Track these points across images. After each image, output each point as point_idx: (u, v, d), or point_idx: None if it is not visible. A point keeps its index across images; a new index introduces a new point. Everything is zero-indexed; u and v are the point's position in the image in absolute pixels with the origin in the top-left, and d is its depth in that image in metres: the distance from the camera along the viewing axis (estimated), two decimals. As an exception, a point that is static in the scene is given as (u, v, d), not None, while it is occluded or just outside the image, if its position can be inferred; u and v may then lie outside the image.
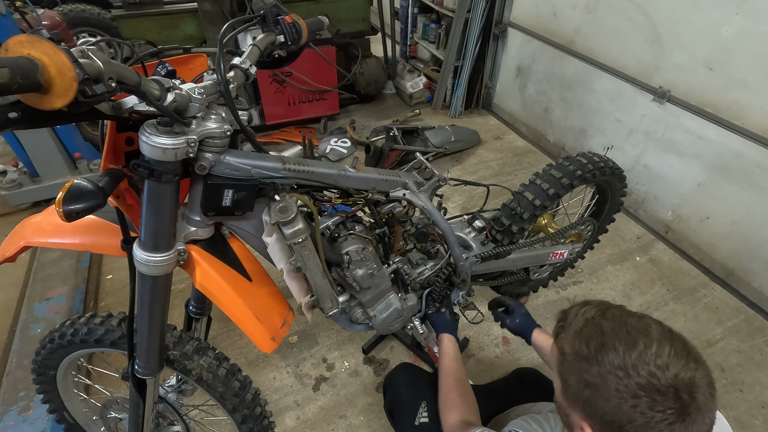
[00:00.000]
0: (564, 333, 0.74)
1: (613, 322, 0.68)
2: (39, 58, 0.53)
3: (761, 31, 1.89)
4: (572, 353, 0.70)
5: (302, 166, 1.00)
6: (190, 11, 3.31)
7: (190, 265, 0.95)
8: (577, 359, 0.69)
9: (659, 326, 0.68)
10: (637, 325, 0.67)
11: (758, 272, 2.15)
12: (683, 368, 0.62)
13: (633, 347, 0.64)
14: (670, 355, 0.62)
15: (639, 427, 0.62)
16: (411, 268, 1.42)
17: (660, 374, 0.61)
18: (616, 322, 0.68)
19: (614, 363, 0.64)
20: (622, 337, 0.65)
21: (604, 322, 0.69)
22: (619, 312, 0.71)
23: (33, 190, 2.62)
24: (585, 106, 2.93)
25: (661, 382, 0.61)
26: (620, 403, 0.63)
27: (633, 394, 0.62)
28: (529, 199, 1.53)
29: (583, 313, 0.72)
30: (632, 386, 0.62)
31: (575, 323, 0.72)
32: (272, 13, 1.02)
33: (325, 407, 1.75)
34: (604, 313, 0.70)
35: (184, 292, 2.16)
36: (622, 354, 0.64)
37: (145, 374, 1.03)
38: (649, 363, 0.62)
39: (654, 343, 0.64)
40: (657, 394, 0.61)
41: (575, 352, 0.69)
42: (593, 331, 0.68)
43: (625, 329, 0.66)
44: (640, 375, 0.62)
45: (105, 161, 0.83)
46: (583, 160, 1.59)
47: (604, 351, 0.65)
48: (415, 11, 4.05)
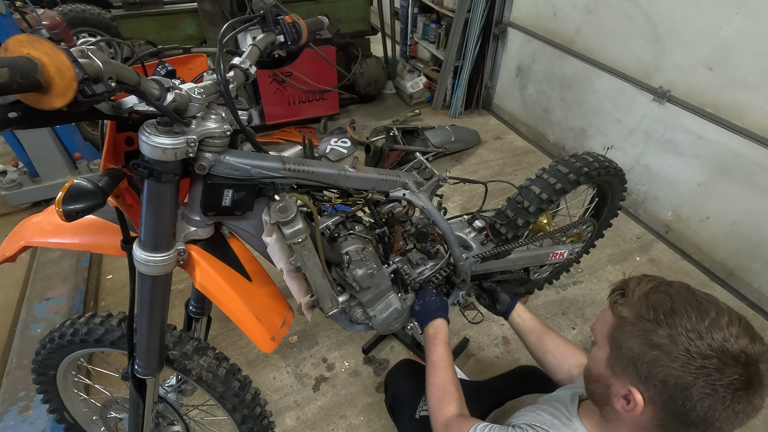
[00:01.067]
0: (624, 300, 0.72)
1: (682, 291, 0.68)
2: (39, 57, 0.53)
3: (761, 31, 1.89)
4: (636, 317, 0.68)
5: (302, 166, 1.00)
6: (190, 11, 3.32)
7: (189, 265, 0.95)
8: (642, 322, 0.67)
9: (727, 308, 0.67)
10: (707, 297, 0.67)
11: (758, 272, 2.15)
12: (753, 344, 0.62)
13: (706, 315, 0.64)
14: (740, 327, 0.63)
15: (702, 389, 0.61)
16: (411, 268, 1.42)
17: (733, 341, 0.61)
18: (685, 291, 0.68)
19: (686, 326, 0.63)
20: (693, 304, 0.65)
21: (671, 290, 0.68)
22: (685, 285, 0.70)
23: (33, 190, 2.62)
24: (585, 106, 2.93)
25: (734, 347, 0.61)
26: (688, 363, 0.62)
27: (704, 354, 0.61)
28: (536, 192, 1.54)
29: (647, 281, 0.72)
30: (704, 348, 0.62)
31: (639, 290, 0.71)
32: (272, 13, 1.02)
33: (325, 407, 1.75)
34: (671, 284, 0.70)
35: (184, 292, 2.16)
36: (695, 319, 0.63)
37: (145, 374, 1.03)
38: (722, 329, 0.62)
39: (726, 314, 0.64)
40: (728, 358, 0.61)
41: (641, 316, 0.68)
42: (662, 297, 0.68)
43: (695, 299, 0.66)
44: (714, 338, 0.62)
45: (105, 161, 0.83)
46: (589, 158, 1.61)
47: (675, 315, 0.65)
48: (415, 11, 4.05)
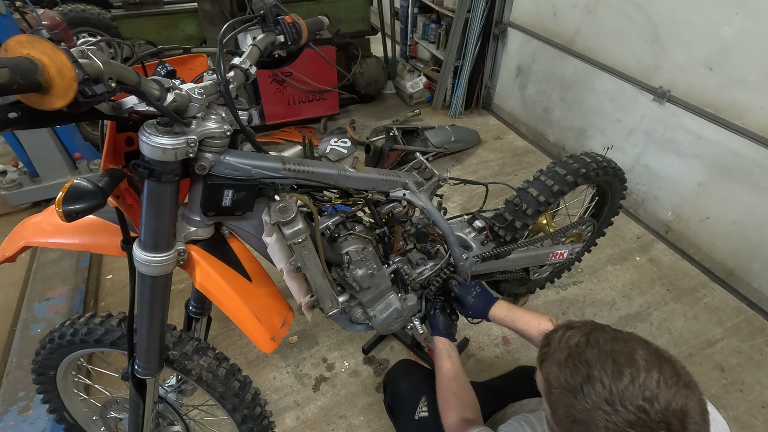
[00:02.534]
0: (548, 361, 0.71)
1: (598, 349, 0.66)
2: (39, 58, 0.53)
3: (761, 31, 1.89)
4: (558, 385, 0.67)
5: (302, 166, 1.00)
6: (190, 11, 3.31)
7: (189, 265, 0.95)
8: (563, 392, 0.66)
9: (646, 350, 0.65)
10: (623, 351, 0.64)
11: (758, 272, 2.15)
12: (674, 397, 0.59)
13: (619, 378, 0.61)
14: (659, 384, 0.60)
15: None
16: (411, 268, 1.42)
17: (649, 407, 0.59)
18: (601, 349, 0.65)
19: (601, 397, 0.61)
20: (607, 367, 0.63)
21: (587, 351, 0.66)
22: (603, 337, 0.68)
23: (33, 190, 2.62)
24: (585, 106, 2.93)
25: (650, 416, 0.58)
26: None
27: (622, 430, 0.60)
28: (534, 195, 1.53)
29: (567, 340, 0.70)
30: (621, 423, 0.59)
31: (559, 352, 0.69)
32: (272, 13, 1.02)
33: (325, 407, 1.75)
34: (588, 339, 0.67)
35: (184, 292, 2.16)
36: (608, 386, 0.61)
37: (145, 374, 1.03)
38: (637, 396, 0.59)
39: (642, 373, 0.61)
40: (647, 430, 0.59)
41: (561, 385, 0.67)
42: (578, 361, 0.66)
43: (611, 358, 0.64)
44: (628, 410, 0.59)
45: (105, 161, 0.83)
46: (587, 159, 1.60)
47: (590, 384, 0.63)
48: (415, 11, 4.05)
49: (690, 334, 2.05)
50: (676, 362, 0.64)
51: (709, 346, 1.99)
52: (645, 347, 0.65)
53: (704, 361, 1.93)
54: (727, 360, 1.94)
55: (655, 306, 2.18)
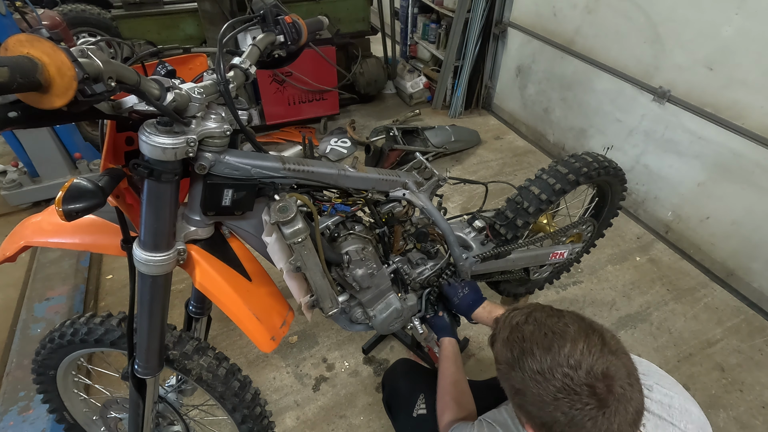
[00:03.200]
0: (496, 341, 0.75)
1: (534, 326, 0.70)
2: (39, 57, 0.53)
3: (761, 31, 1.89)
4: (502, 360, 0.72)
5: (302, 166, 1.00)
6: (190, 11, 3.32)
7: (189, 265, 0.95)
8: (505, 367, 0.71)
9: (579, 324, 0.69)
10: (555, 327, 0.68)
11: (758, 272, 2.15)
12: (596, 362, 0.63)
13: (548, 350, 0.66)
14: (582, 352, 0.64)
15: (564, 426, 0.63)
16: (411, 268, 1.42)
17: (573, 374, 0.63)
18: (537, 325, 0.70)
19: (533, 368, 0.66)
20: (539, 341, 0.67)
21: (525, 327, 0.71)
22: (542, 315, 0.72)
23: (33, 190, 2.62)
24: (585, 106, 2.93)
25: (574, 381, 0.63)
26: (543, 405, 0.65)
27: (553, 396, 0.64)
28: (535, 193, 1.53)
29: (510, 320, 0.74)
30: (550, 390, 0.64)
31: (503, 331, 0.74)
32: (272, 13, 1.02)
33: (325, 407, 1.75)
34: (527, 318, 0.72)
35: (184, 292, 2.16)
36: (539, 358, 0.66)
37: (145, 374, 1.03)
38: (562, 365, 0.64)
39: (568, 344, 0.65)
40: (573, 394, 0.62)
41: (504, 360, 0.72)
42: (516, 337, 0.71)
43: (543, 332, 0.68)
44: (555, 378, 0.64)
45: (105, 161, 0.83)
46: (588, 158, 1.60)
47: (524, 357, 0.68)
48: (415, 11, 4.05)
49: (690, 334, 2.05)
50: (605, 333, 0.68)
51: (709, 346, 1.99)
52: (577, 321, 0.70)
53: (704, 361, 1.93)
54: (727, 360, 1.93)
55: (655, 306, 2.18)
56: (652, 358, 1.94)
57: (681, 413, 0.79)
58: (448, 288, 1.38)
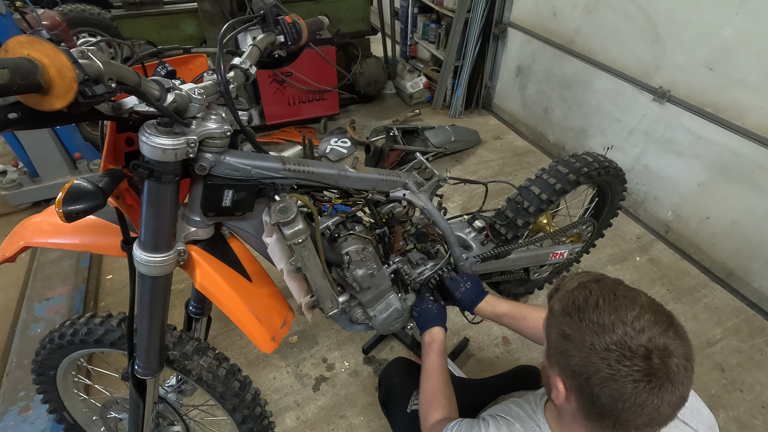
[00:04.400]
0: (557, 293, 0.75)
1: (605, 287, 0.70)
2: (39, 58, 0.53)
3: (761, 31, 1.89)
4: (560, 309, 0.71)
5: (302, 166, 1.00)
6: (190, 11, 3.31)
7: (190, 266, 0.95)
8: (562, 314, 0.71)
9: (650, 299, 0.68)
10: (626, 293, 0.68)
11: (758, 272, 2.15)
12: (659, 334, 0.62)
13: (616, 309, 0.65)
14: (649, 321, 0.63)
15: (603, 379, 0.63)
16: (411, 268, 1.42)
17: (634, 334, 0.62)
18: (608, 287, 0.70)
19: (593, 319, 0.65)
20: (608, 299, 0.67)
21: (595, 285, 0.70)
22: (613, 281, 0.72)
23: (33, 190, 2.62)
24: (585, 106, 2.92)
25: (633, 341, 0.62)
26: (590, 353, 0.64)
27: (604, 347, 0.63)
28: (536, 193, 1.53)
29: (579, 278, 0.74)
30: (605, 341, 0.63)
31: (569, 284, 0.74)
32: (272, 13, 1.02)
33: (325, 407, 1.75)
34: (599, 280, 0.72)
35: (184, 292, 2.16)
36: (602, 313, 0.65)
37: (145, 374, 1.03)
38: (626, 323, 0.63)
39: (637, 308, 0.65)
40: (627, 351, 0.62)
41: (562, 309, 0.71)
42: (583, 291, 0.70)
43: (614, 293, 0.68)
44: (615, 332, 0.63)
45: (105, 161, 0.83)
46: (588, 158, 1.61)
47: (588, 309, 0.67)
48: (415, 11, 4.05)
49: (690, 334, 2.00)
50: (673, 317, 0.67)
51: (709, 346, 1.99)
52: (650, 298, 0.69)
53: (704, 361, 1.93)
54: (727, 360, 1.93)
55: (655, 306, 2.18)
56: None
57: (692, 413, 0.80)
58: (450, 281, 1.36)
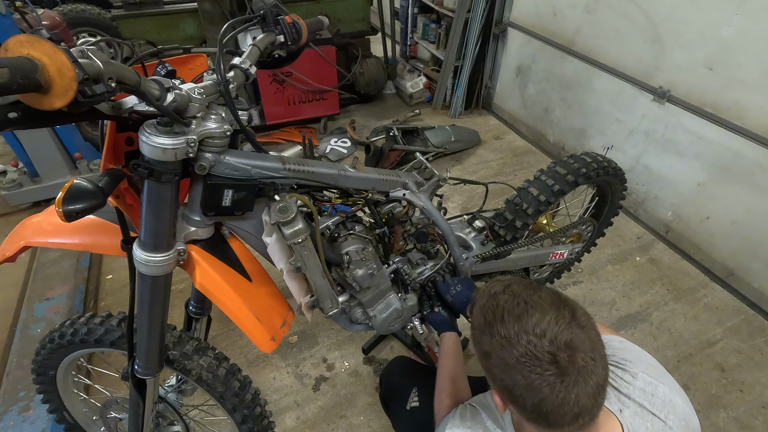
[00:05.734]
0: (474, 308, 0.78)
1: (510, 296, 0.72)
2: (39, 58, 0.53)
3: (761, 31, 1.89)
4: (477, 327, 0.75)
5: (302, 166, 1.00)
6: (190, 11, 3.31)
7: (189, 265, 0.95)
8: (478, 332, 0.74)
9: (553, 297, 0.71)
10: (529, 298, 0.71)
11: (758, 272, 2.15)
12: (562, 332, 0.66)
13: (518, 319, 0.69)
14: (550, 323, 0.66)
15: (523, 390, 0.67)
16: (411, 268, 1.42)
17: (536, 341, 0.66)
18: (512, 296, 0.72)
19: (501, 334, 0.69)
20: (511, 309, 0.70)
21: (501, 296, 0.73)
22: (519, 287, 0.74)
23: (33, 190, 2.62)
24: (585, 106, 2.93)
25: (537, 348, 0.65)
26: (506, 369, 0.68)
27: (515, 360, 0.67)
28: (534, 194, 1.53)
29: (489, 289, 0.77)
30: (514, 354, 0.67)
31: (480, 299, 0.77)
32: (272, 13, 1.02)
33: (325, 407, 1.75)
34: (505, 289, 0.75)
35: (184, 292, 2.16)
36: (508, 325, 0.69)
37: (145, 374, 1.03)
38: (528, 332, 0.67)
39: (537, 313, 0.68)
40: (535, 359, 0.65)
41: (477, 325, 0.75)
42: (491, 304, 0.73)
43: (516, 302, 0.71)
44: (520, 344, 0.67)
45: (105, 161, 0.83)
46: (587, 158, 1.60)
47: (496, 323, 0.70)
48: (415, 11, 4.05)
49: (690, 334, 2.05)
50: (577, 308, 0.70)
51: (709, 346, 1.99)
52: (551, 296, 0.72)
53: (704, 361, 1.93)
54: (727, 360, 1.93)
55: (655, 306, 2.18)
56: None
57: (664, 403, 0.79)
58: (442, 285, 1.38)
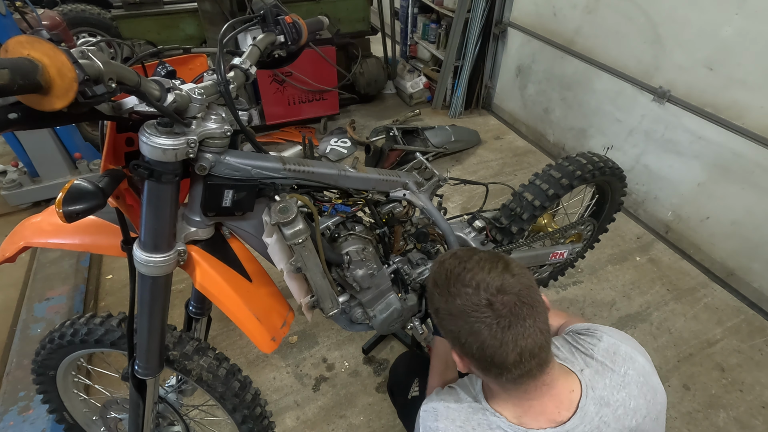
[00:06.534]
0: (429, 273, 0.86)
1: (454, 259, 0.80)
2: (39, 58, 0.53)
3: (761, 31, 1.89)
4: (429, 289, 0.84)
5: (302, 166, 1.00)
6: (190, 11, 3.31)
7: (190, 266, 0.95)
8: (429, 293, 0.83)
9: (491, 255, 0.79)
10: (470, 258, 0.79)
11: (758, 272, 2.15)
12: (495, 278, 0.73)
13: (459, 275, 0.77)
14: (484, 273, 0.74)
15: (468, 335, 0.74)
16: (411, 268, 1.42)
17: (472, 291, 0.73)
18: (456, 258, 0.80)
19: (447, 290, 0.77)
20: (454, 269, 0.78)
21: (448, 261, 0.81)
22: (463, 252, 0.82)
23: (33, 190, 2.62)
24: (585, 106, 2.93)
25: (473, 296, 0.73)
26: (451, 318, 0.76)
27: (458, 309, 0.74)
28: (529, 199, 1.53)
29: (439, 258, 0.85)
30: (457, 304, 0.75)
31: (433, 265, 0.85)
32: (272, 13, 1.02)
33: (325, 407, 1.75)
34: (452, 255, 0.82)
35: (184, 292, 2.16)
36: (451, 282, 0.77)
37: (145, 374, 1.03)
38: (467, 284, 0.74)
39: (475, 268, 0.76)
40: (473, 306, 0.72)
41: (430, 288, 0.83)
42: (441, 269, 0.81)
43: (458, 261, 0.79)
44: (460, 295, 0.75)
45: (105, 162, 0.83)
46: (582, 160, 1.59)
47: (443, 282, 0.79)
48: (415, 11, 4.05)
49: (690, 334, 2.05)
50: (512, 262, 0.78)
51: (709, 346, 1.99)
52: (490, 254, 0.80)
53: (704, 361, 1.93)
54: (727, 360, 1.94)
55: (655, 306, 2.18)
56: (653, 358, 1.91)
57: (624, 360, 0.83)
58: None
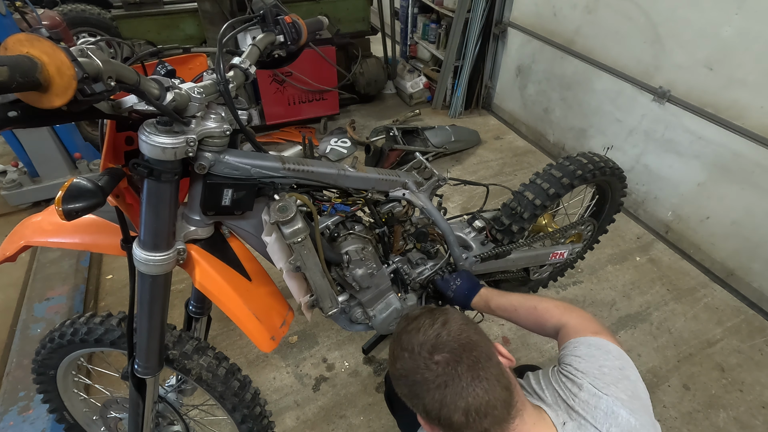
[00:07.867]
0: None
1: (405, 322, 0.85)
2: (38, 56, 0.53)
3: (761, 31, 1.89)
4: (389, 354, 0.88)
5: (302, 165, 1.00)
6: (190, 11, 3.32)
7: (189, 265, 0.95)
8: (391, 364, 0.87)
9: (437, 314, 0.83)
10: (415, 320, 0.83)
11: (758, 272, 2.15)
12: (430, 337, 0.77)
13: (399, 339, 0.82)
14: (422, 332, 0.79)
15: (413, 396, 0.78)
16: (411, 268, 1.42)
17: (408, 355, 0.78)
18: (406, 321, 0.85)
19: (392, 354, 0.83)
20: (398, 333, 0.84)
21: (400, 322, 0.87)
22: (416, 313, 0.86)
23: (33, 190, 2.62)
24: (585, 106, 2.93)
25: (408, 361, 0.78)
26: (397, 382, 0.81)
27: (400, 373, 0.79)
28: (530, 198, 1.53)
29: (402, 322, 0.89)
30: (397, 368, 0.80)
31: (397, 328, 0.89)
32: (272, 13, 1.02)
33: (325, 407, 1.75)
34: (406, 316, 0.88)
35: (184, 291, 2.16)
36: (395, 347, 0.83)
37: (144, 374, 1.03)
38: (405, 348, 0.79)
39: (413, 330, 0.81)
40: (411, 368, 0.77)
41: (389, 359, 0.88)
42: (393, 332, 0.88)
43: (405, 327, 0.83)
44: (400, 359, 0.79)
45: (105, 160, 0.83)
46: (583, 160, 1.59)
47: (390, 347, 0.85)
48: (415, 11, 4.05)
49: (690, 334, 2.05)
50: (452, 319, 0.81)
51: (709, 346, 1.99)
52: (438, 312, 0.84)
53: (704, 361, 1.93)
54: (727, 360, 1.93)
55: (655, 306, 2.18)
56: (652, 358, 1.94)
57: (606, 416, 0.77)
58: (441, 282, 1.38)
